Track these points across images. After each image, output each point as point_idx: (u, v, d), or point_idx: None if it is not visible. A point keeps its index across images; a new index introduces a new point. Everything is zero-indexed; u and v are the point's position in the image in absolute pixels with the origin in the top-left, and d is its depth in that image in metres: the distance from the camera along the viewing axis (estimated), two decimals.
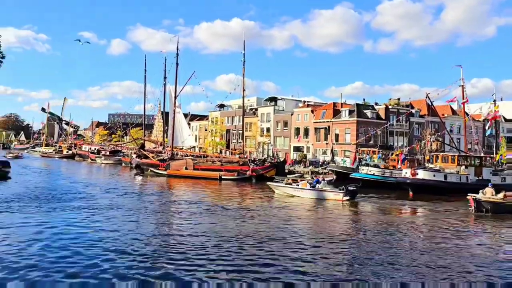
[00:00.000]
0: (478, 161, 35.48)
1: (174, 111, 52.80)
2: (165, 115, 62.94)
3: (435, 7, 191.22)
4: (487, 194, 22.69)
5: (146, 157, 52.37)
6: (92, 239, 13.92)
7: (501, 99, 71.99)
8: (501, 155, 41.62)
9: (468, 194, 23.33)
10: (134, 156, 55.80)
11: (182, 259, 11.78)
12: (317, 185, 27.78)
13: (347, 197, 26.04)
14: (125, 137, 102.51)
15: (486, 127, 56.82)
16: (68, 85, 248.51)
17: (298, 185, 28.75)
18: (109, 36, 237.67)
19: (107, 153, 74.33)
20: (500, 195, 22.44)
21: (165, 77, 57.98)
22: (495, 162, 40.01)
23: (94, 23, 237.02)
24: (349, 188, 26.54)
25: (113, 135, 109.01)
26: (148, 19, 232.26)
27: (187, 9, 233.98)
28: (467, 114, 43.61)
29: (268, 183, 32.09)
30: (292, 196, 27.94)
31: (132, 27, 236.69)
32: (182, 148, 55.46)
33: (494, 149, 50.98)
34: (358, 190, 27.25)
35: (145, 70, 66.75)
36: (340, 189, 26.69)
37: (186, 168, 44.70)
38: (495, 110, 48.85)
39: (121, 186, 33.32)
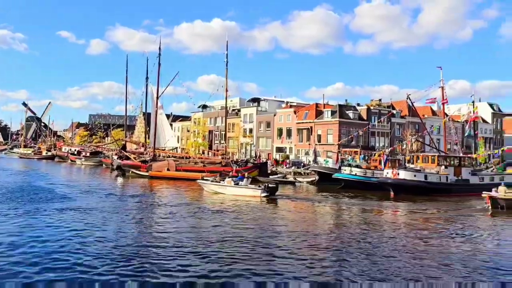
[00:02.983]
0: (458, 161, 36.01)
1: (156, 111, 52.24)
2: (147, 116, 62.21)
3: (413, 10, 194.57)
4: (501, 192, 23.96)
5: (128, 158, 51.69)
6: (71, 241, 13.59)
7: (479, 100, 73.44)
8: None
9: (483, 192, 24.95)
10: (115, 157, 55.07)
11: (160, 260, 11.61)
12: (240, 182, 28.51)
13: (265, 194, 26.99)
14: (106, 138, 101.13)
15: (465, 128, 57.93)
16: (47, 85, 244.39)
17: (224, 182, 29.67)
18: (88, 36, 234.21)
19: (88, 154, 73.24)
20: None
21: (147, 78, 57.45)
22: (474, 162, 40.74)
23: (72, 22, 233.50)
24: (268, 185, 27.87)
25: (94, 136, 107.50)
26: (127, 19, 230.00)
27: (167, 9, 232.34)
28: (447, 115, 44.31)
29: (197, 181, 32.37)
30: (216, 193, 28.92)
31: (111, 27, 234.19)
32: (164, 149, 54.94)
33: (472, 149, 51.92)
34: (277, 188, 28.44)
35: (127, 71, 66.18)
36: (259, 187, 27.81)
37: (168, 169, 44.25)
38: (474, 111, 49.82)
39: (101, 187, 32.78)
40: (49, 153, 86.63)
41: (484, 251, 14.26)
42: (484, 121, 77.08)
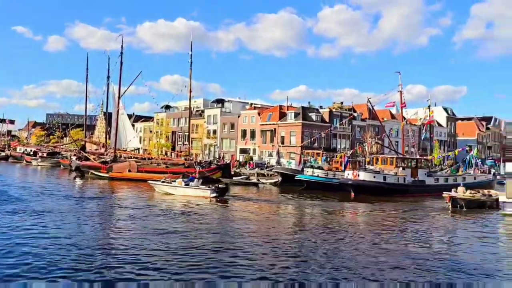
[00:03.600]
0: (414, 163, 37.37)
1: (118, 111, 51.02)
2: (108, 115, 60.64)
3: (373, 16, 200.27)
4: (460, 192, 25.89)
5: (87, 159, 50.19)
6: (25, 244, 13.06)
7: (435, 105, 76.52)
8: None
9: (444, 193, 26.79)
10: (74, 158, 53.42)
11: (117, 262, 11.38)
12: (191, 183, 28.71)
13: (214, 195, 27.17)
14: (65, 138, 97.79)
15: (422, 131, 60.24)
16: (1, 83, 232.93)
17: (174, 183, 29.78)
18: (46, 32, 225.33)
19: (45, 155, 70.60)
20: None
21: (108, 77, 56.07)
22: (429, 164, 42.44)
23: (29, 17, 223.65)
24: (219, 186, 28.20)
25: (51, 136, 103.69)
26: (87, 16, 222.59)
27: (129, 8, 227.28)
28: (405, 118, 45.92)
29: (148, 181, 32.23)
30: (167, 193, 28.91)
31: (71, 23, 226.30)
32: (125, 150, 53.74)
33: (428, 151, 54.07)
34: (228, 189, 28.86)
35: (87, 69, 64.23)
36: (209, 187, 27.95)
37: (129, 171, 43.32)
38: (430, 115, 51.94)
39: (59, 189, 31.63)
40: (3, 154, 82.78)
41: (447, 250, 14.84)
42: (439, 124, 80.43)
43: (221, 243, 14.43)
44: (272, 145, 58.51)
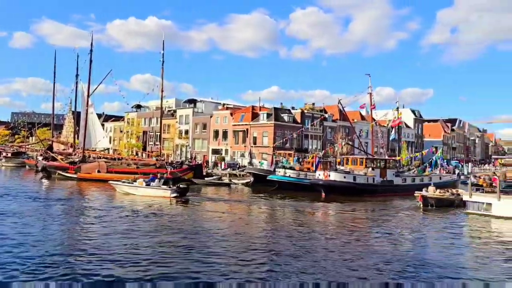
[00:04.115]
0: (383, 163, 38.24)
1: (87, 110, 49.91)
2: (76, 115, 59.22)
3: (344, 18, 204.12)
4: (430, 191, 27.01)
5: (54, 159, 48.83)
6: None
7: (403, 107, 78.60)
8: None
9: (416, 192, 27.81)
10: (40, 158, 51.89)
11: (84, 263, 11.16)
12: (152, 183, 28.66)
13: (175, 195, 27.18)
14: (31, 137, 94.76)
15: (391, 132, 61.68)
16: None
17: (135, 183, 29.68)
18: (11, 28, 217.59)
19: (9, 155, 68.32)
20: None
21: (77, 75, 54.81)
22: (397, 165, 43.53)
23: None
24: (179, 186, 28.08)
25: (16, 136, 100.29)
26: (55, 13, 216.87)
27: (99, 5, 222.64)
28: (374, 120, 46.94)
29: (109, 182, 32.11)
30: (128, 193, 28.81)
31: (37, 19, 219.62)
32: (95, 150, 52.62)
33: (396, 152, 55.45)
34: (188, 189, 28.81)
35: (55, 66, 62.87)
36: (169, 187, 27.89)
37: (98, 171, 42.41)
38: (398, 117, 53.30)
39: (23, 190, 30.57)
40: None
41: (417, 248, 15.27)
42: (407, 126, 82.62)
43: (191, 243, 14.36)
44: (245, 146, 58.60)
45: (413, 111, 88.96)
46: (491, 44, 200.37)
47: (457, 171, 53.62)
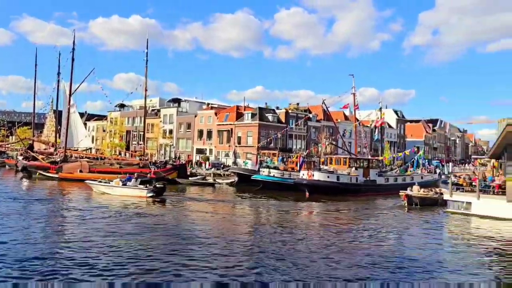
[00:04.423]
0: (366, 163, 38.66)
1: (69, 109, 49.20)
2: (58, 114, 58.31)
3: (328, 19, 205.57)
4: (415, 190, 27.69)
5: (35, 159, 48.03)
6: None
7: (386, 107, 79.55)
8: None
9: (400, 191, 28.31)
10: (20, 157, 50.99)
11: (64, 265, 11.03)
12: (128, 182, 28.61)
13: (150, 194, 27.11)
14: (11, 137, 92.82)
15: (374, 132, 62.39)
16: None
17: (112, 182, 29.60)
18: None
19: None
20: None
21: (59, 73, 54.08)
22: (380, 164, 44.07)
23: None
24: (156, 186, 27.83)
25: None
26: (36, 10, 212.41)
27: (81, 2, 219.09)
28: (358, 120, 47.44)
29: (86, 181, 32.07)
30: (104, 193, 28.75)
31: (18, 16, 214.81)
32: (77, 150, 51.92)
33: (379, 152, 56.16)
34: (165, 188, 28.54)
35: (36, 64, 61.93)
36: (145, 187, 27.78)
37: (80, 171, 41.83)
38: (381, 117, 53.99)
39: (3, 190, 29.97)
40: None
41: (400, 246, 15.48)
42: (389, 126, 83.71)
43: (174, 243, 14.30)
44: (229, 146, 58.55)
45: (395, 112, 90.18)
46: (471, 46, 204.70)
47: (438, 171, 54.57)
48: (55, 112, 60.76)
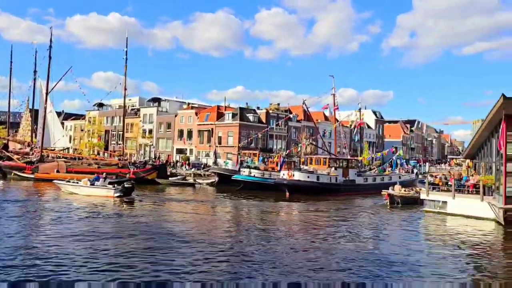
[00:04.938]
0: (346, 163, 39.09)
1: (45, 108, 48.21)
2: (34, 112, 57.13)
3: (308, 20, 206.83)
4: (396, 190, 28.21)
5: (10, 158, 46.87)
6: None
7: (365, 108, 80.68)
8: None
9: (383, 190, 28.77)
10: None
11: (41, 266, 10.81)
12: (96, 182, 28.48)
13: (118, 194, 26.84)
14: None
15: (353, 133, 63.19)
16: None
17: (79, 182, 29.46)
18: None
19: None
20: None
21: (35, 71, 53.18)
22: (359, 164, 44.68)
23: None
24: (124, 185, 27.51)
25: None
26: (9, 5, 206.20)
27: None
28: (337, 121, 47.95)
29: (54, 181, 31.92)
30: (72, 193, 28.61)
31: None
32: (53, 150, 50.96)
33: (358, 152, 56.88)
34: (134, 188, 28.21)
35: (11, 62, 60.37)
36: (113, 187, 27.54)
37: (57, 171, 41.05)
38: (360, 118, 54.69)
39: None
40: None
41: (380, 245, 15.71)
42: (368, 127, 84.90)
43: (153, 244, 14.18)
44: (210, 146, 58.36)
45: (374, 112, 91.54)
46: (447, 49, 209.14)
47: (415, 171, 55.60)
48: (31, 111, 59.50)
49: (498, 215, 19.58)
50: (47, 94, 47.95)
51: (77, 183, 29.12)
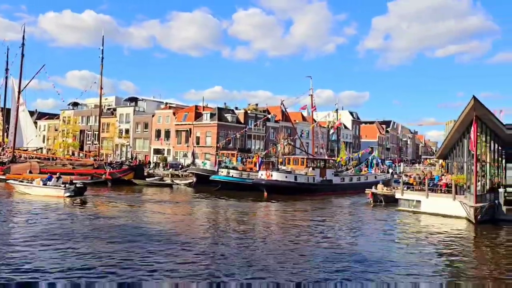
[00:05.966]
0: (323, 163, 39.53)
1: (18, 107, 46.98)
2: (5, 112, 55.65)
3: (285, 21, 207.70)
4: (379, 189, 29.17)
5: None
6: None
7: (342, 109, 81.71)
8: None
9: (366, 189, 29.70)
10: None
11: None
12: (48, 182, 28.40)
13: (68, 194, 26.72)
14: None
15: (330, 133, 63.91)
16: None
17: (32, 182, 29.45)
18: None
19: None
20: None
21: (7, 69, 51.94)
22: (336, 165, 45.23)
23: None
24: (76, 186, 27.60)
25: None
26: None
27: None
28: (315, 121, 48.39)
29: (8, 181, 32.03)
30: (24, 193, 28.57)
31: None
32: (26, 150, 49.72)
33: (336, 152, 57.55)
34: (86, 188, 28.30)
35: None
36: (64, 187, 27.45)
37: (30, 172, 39.96)
38: (338, 119, 55.34)
39: None
40: None
41: (358, 244, 15.95)
42: (345, 127, 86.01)
43: (130, 246, 14.03)
44: (187, 146, 58.00)
45: (351, 113, 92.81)
46: (420, 51, 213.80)
47: (391, 171, 56.65)
48: (2, 110, 57.94)
49: (469, 213, 20.18)
50: (19, 92, 46.77)
51: (31, 183, 29.04)
